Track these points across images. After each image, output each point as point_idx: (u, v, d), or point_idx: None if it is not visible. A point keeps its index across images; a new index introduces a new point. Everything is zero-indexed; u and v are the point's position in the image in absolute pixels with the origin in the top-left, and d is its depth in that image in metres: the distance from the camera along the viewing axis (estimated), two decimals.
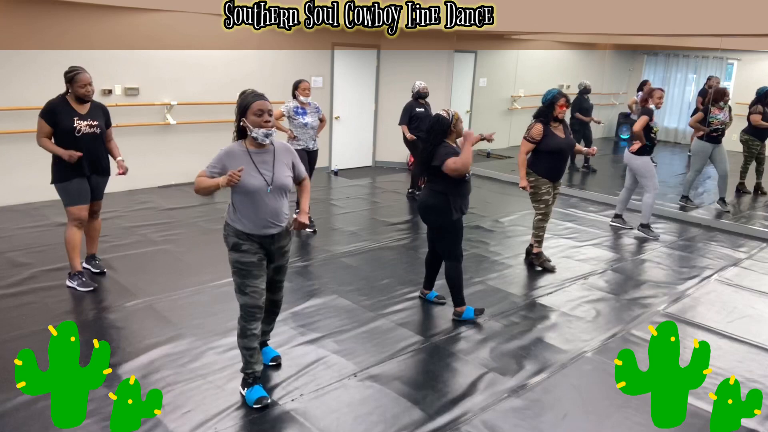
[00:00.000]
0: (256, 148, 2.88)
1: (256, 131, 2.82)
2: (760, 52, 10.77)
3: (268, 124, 2.83)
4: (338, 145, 9.21)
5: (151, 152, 7.25)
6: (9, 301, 4.07)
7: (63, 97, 4.12)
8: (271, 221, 2.91)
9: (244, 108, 2.83)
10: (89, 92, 4.11)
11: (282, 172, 2.92)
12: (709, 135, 7.11)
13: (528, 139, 4.88)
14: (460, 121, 3.90)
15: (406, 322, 4.02)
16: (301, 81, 5.77)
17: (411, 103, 7.28)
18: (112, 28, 6.64)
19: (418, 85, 7.25)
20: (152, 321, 3.88)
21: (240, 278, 2.93)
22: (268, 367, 3.34)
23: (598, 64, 11.54)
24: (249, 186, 2.82)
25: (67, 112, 4.08)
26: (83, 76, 4.09)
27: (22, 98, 6.13)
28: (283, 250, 3.05)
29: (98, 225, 4.59)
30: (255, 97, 2.84)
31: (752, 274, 5.24)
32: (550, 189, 4.98)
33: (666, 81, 11.71)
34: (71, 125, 4.07)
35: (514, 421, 2.99)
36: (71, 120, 4.08)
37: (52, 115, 4.05)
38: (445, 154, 3.78)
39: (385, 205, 7.25)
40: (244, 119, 2.84)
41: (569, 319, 4.19)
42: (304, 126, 5.69)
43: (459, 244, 4.01)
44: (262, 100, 2.83)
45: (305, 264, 5.05)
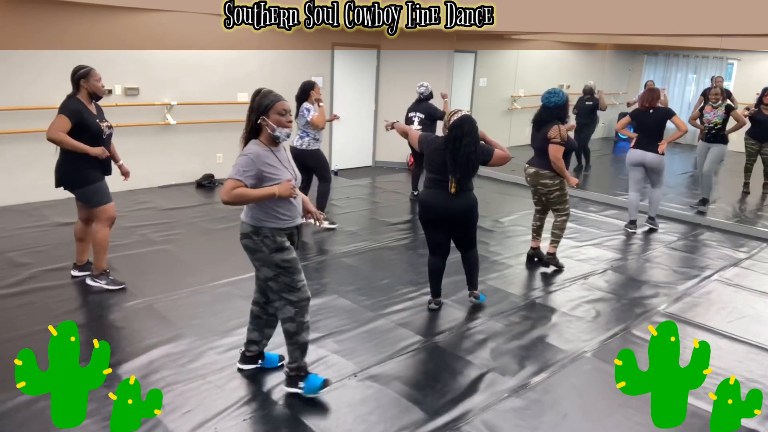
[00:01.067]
0: (273, 146, 2.93)
1: (279, 130, 2.87)
2: (760, 52, 10.77)
3: (290, 123, 2.92)
4: (338, 145, 9.21)
5: (151, 152, 7.25)
6: (9, 301, 4.07)
7: (77, 99, 4.02)
8: (299, 214, 3.03)
9: (266, 107, 2.85)
10: (103, 87, 4.10)
11: (295, 168, 3.10)
12: (706, 135, 7.14)
13: (562, 143, 4.70)
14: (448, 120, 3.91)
15: (406, 322, 4.02)
16: (315, 84, 5.71)
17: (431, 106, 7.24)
18: (112, 28, 6.64)
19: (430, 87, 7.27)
20: (152, 321, 3.88)
21: (289, 276, 2.95)
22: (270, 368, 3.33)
23: (598, 64, 11.54)
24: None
25: (89, 115, 4.01)
26: (96, 71, 4.06)
27: (21, 98, 6.13)
28: (299, 242, 3.14)
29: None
30: (277, 97, 2.88)
31: (752, 274, 5.24)
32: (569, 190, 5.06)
33: (666, 81, 11.71)
34: (99, 128, 4.02)
35: (514, 421, 2.99)
36: (94, 122, 4.01)
37: (81, 118, 3.94)
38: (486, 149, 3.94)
39: (385, 205, 7.25)
40: (265, 118, 2.85)
41: (569, 319, 4.19)
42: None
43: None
44: (284, 101, 2.90)
45: (305, 264, 5.05)
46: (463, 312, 4.21)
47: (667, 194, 7.88)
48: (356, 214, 6.76)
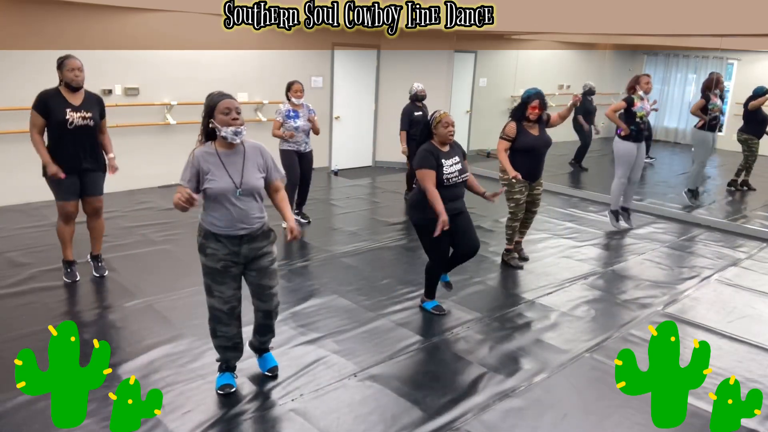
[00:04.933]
0: (226, 149, 2.85)
1: (225, 130, 2.78)
2: (760, 52, 10.77)
3: (236, 121, 2.80)
4: (338, 145, 9.21)
5: (151, 152, 7.25)
6: (9, 301, 4.07)
7: (56, 89, 4.09)
8: (241, 224, 2.86)
9: (211, 108, 2.80)
10: (77, 77, 4.05)
11: (252, 174, 2.88)
12: (710, 123, 7.15)
13: (503, 137, 4.88)
14: (442, 125, 3.79)
15: (406, 322, 4.02)
16: (294, 83, 5.77)
17: (409, 107, 7.03)
18: (112, 27, 6.64)
19: (416, 87, 7.02)
20: (152, 321, 3.88)
21: (207, 280, 2.95)
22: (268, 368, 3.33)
23: (598, 64, 11.54)
24: (218, 189, 2.79)
25: (59, 103, 4.04)
26: (71, 60, 4.05)
27: (21, 98, 6.12)
28: (260, 252, 2.95)
29: (100, 225, 4.50)
30: (221, 96, 2.82)
31: (752, 274, 5.24)
32: (523, 189, 4.95)
33: (666, 81, 11.72)
34: (63, 117, 4.02)
35: (513, 421, 2.99)
36: (63, 111, 4.03)
37: (44, 106, 4.01)
38: (420, 159, 3.80)
39: (385, 205, 7.25)
40: (212, 120, 2.81)
41: (569, 319, 4.19)
42: (295, 130, 5.70)
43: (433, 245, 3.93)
44: (228, 99, 2.81)
45: (305, 264, 5.05)
46: (463, 312, 4.21)
47: (666, 194, 7.89)
48: (356, 214, 6.75)
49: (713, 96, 7.15)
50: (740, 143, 8.13)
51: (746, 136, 8.01)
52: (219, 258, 2.88)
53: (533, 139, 4.84)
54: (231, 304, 2.97)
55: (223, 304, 2.96)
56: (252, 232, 2.90)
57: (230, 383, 3.11)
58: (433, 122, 3.84)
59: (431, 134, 3.86)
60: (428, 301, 4.21)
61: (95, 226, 4.50)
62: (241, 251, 2.90)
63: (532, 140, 4.83)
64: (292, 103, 5.72)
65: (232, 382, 3.12)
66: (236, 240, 2.87)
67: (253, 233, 2.91)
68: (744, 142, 8.06)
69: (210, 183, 2.79)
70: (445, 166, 3.78)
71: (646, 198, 7.69)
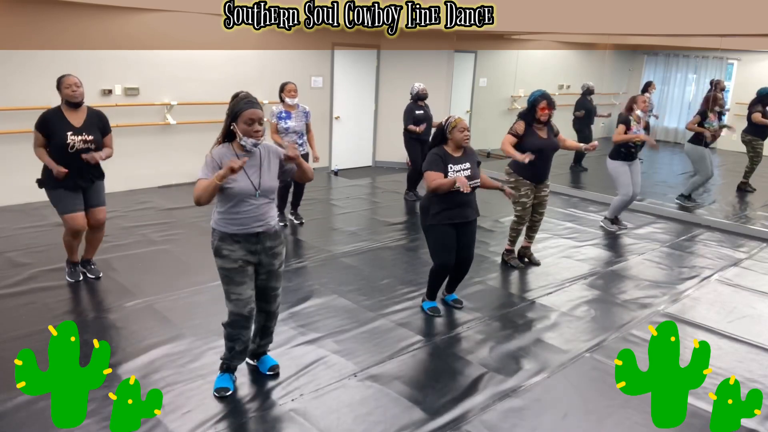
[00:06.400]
0: (244, 153, 2.87)
1: (245, 140, 2.81)
2: (760, 52, 10.78)
3: (258, 134, 2.81)
4: (338, 145, 9.21)
5: (151, 152, 7.25)
6: (9, 301, 4.07)
7: (57, 109, 4.08)
8: (257, 222, 2.90)
9: (236, 114, 2.81)
10: (75, 92, 4.04)
11: (269, 176, 2.93)
12: (704, 141, 7.17)
13: (511, 132, 4.88)
14: (458, 130, 3.86)
15: (406, 322, 4.02)
16: (287, 83, 5.78)
17: (411, 106, 7.14)
18: (112, 27, 6.64)
19: (417, 87, 7.09)
20: (152, 321, 3.88)
21: (225, 285, 2.96)
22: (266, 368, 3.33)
23: (598, 64, 11.53)
24: (238, 190, 2.82)
25: (60, 125, 4.02)
26: (68, 77, 4.06)
27: (21, 98, 6.13)
28: (272, 251, 3.00)
29: (100, 235, 4.48)
30: (247, 105, 2.81)
31: (752, 274, 5.24)
32: (529, 192, 4.97)
33: (666, 81, 11.72)
34: (64, 141, 4.00)
35: (513, 421, 2.99)
36: (64, 135, 4.00)
37: (46, 127, 4.01)
38: (429, 162, 3.88)
39: (385, 205, 7.25)
40: (235, 124, 2.82)
41: (569, 319, 4.19)
42: (286, 130, 5.71)
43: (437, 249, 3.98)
44: (254, 109, 2.80)
45: (305, 264, 5.05)
46: (463, 312, 4.21)
47: (666, 194, 7.89)
48: (356, 214, 6.75)
49: (712, 115, 7.12)
50: (744, 144, 8.13)
51: (750, 137, 8.01)
52: (236, 258, 2.90)
53: (541, 141, 4.85)
54: (249, 306, 2.98)
55: (243, 307, 2.95)
56: (267, 230, 2.95)
57: (228, 386, 3.09)
58: (448, 127, 3.89)
59: (445, 139, 3.91)
60: (428, 300, 4.22)
61: (96, 236, 4.46)
62: (257, 249, 2.94)
63: (539, 142, 4.83)
64: (286, 104, 5.73)
65: (230, 386, 3.10)
66: (253, 238, 2.91)
67: (269, 231, 2.96)
68: (748, 143, 8.06)
69: (231, 183, 2.81)
70: (451, 171, 3.82)
71: (646, 198, 7.69)
